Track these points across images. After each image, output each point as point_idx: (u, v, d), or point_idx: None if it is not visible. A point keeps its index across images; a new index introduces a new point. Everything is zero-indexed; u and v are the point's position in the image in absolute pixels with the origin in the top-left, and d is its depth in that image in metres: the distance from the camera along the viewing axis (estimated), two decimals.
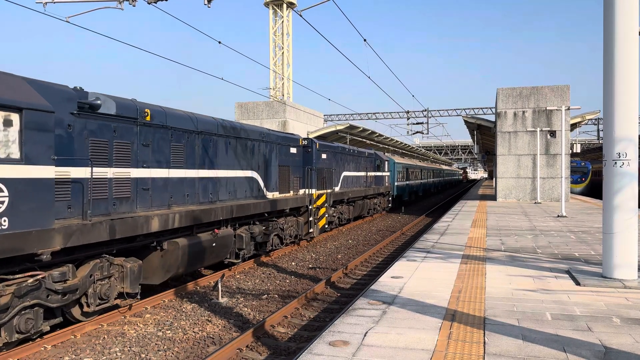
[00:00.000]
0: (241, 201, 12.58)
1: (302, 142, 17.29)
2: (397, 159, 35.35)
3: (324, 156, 18.68)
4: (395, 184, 33.45)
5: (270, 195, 14.45)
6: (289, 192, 15.90)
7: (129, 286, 8.55)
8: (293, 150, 16.46)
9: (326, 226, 18.41)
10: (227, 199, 12.21)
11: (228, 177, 12.29)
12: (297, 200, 15.83)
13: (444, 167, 73.45)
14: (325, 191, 18.11)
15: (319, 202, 17.56)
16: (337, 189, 20.32)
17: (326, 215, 18.13)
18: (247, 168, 13.17)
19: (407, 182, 38.03)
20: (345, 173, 21.74)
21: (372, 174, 27.18)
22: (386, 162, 30.36)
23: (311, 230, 16.89)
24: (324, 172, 18.56)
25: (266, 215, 14.04)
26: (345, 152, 22.01)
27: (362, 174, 24.97)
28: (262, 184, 13.99)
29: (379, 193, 28.40)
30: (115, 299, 8.52)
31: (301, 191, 16.95)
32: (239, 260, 12.68)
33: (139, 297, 8.94)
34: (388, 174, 30.86)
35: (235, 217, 11.96)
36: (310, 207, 16.85)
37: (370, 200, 26.38)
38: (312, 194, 17.09)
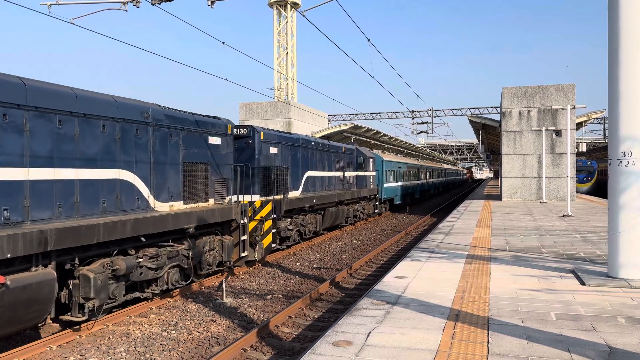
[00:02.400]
0: (83, 220, 7.80)
1: (231, 130, 12.26)
2: (387, 156, 30.87)
3: (273, 150, 14.57)
4: (384, 185, 28.65)
5: (163, 206, 9.75)
6: (205, 201, 11.22)
7: None
8: (214, 140, 11.53)
9: (274, 245, 13.82)
10: (52, 217, 7.41)
11: (61, 181, 7.58)
12: (215, 213, 11.02)
13: (446, 166, 68.74)
14: (271, 198, 13.60)
15: (263, 213, 13.11)
16: (296, 193, 16.22)
17: (273, 231, 13.60)
18: (110, 165, 8.46)
19: (400, 183, 33.62)
20: (310, 173, 17.41)
21: (352, 174, 22.67)
22: (371, 160, 25.63)
23: (244, 253, 12.35)
24: (274, 172, 14.02)
25: (181, 235, 10.12)
26: (311, 146, 17.70)
27: (337, 174, 20.54)
28: (144, 189, 9.26)
29: (361, 197, 23.76)
30: None
31: (231, 198, 12.09)
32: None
33: None
34: (374, 174, 26.34)
35: (61, 248, 7.21)
36: (243, 221, 12.23)
37: (349, 206, 21.95)
38: (248, 203, 12.60)
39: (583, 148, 31.05)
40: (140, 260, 8.82)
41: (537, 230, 15.09)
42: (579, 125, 31.94)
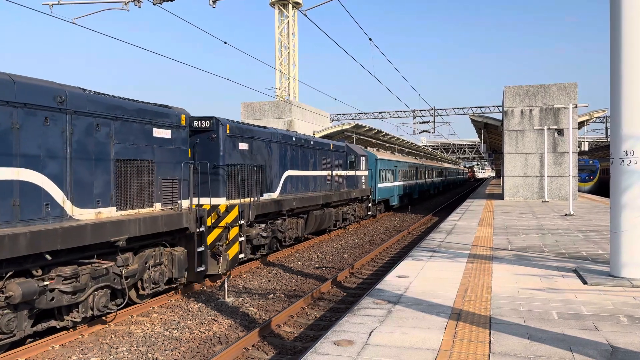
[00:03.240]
0: None
1: (186, 121, 10.37)
2: (381, 155, 28.88)
3: (243, 146, 12.54)
4: (378, 185, 26.87)
5: (85, 213, 7.85)
6: (149, 206, 9.27)
7: None
8: (162, 133, 9.65)
9: (242, 255, 11.81)
10: None
11: None
12: (158, 221, 8.96)
13: (446, 165, 66.59)
14: (239, 201, 11.83)
15: (228, 219, 11.33)
16: (273, 195, 14.31)
17: (242, 239, 11.72)
18: (4, 162, 6.62)
19: (397, 183, 31.62)
20: (290, 172, 15.53)
21: (342, 173, 20.71)
22: (363, 159, 23.67)
23: (201, 268, 10.25)
24: (243, 172, 12.38)
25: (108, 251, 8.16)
26: (291, 142, 15.67)
27: (324, 173, 18.60)
28: (56, 192, 7.35)
29: (352, 199, 21.74)
30: None
31: (186, 203, 10.15)
32: None
33: None
34: (366, 173, 24.46)
35: None
36: (199, 229, 10.17)
37: (337, 208, 20.03)
38: (209, 208, 11.03)
39: (585, 147, 30.98)
40: (47, 283, 6.94)
41: (539, 229, 15.07)
42: (581, 124, 31.90)
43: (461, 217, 19.34)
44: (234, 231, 11.50)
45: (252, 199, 12.53)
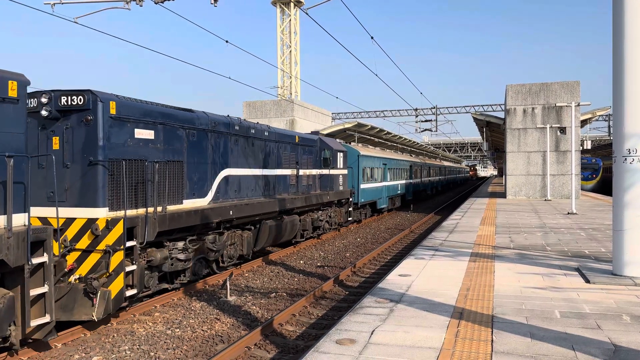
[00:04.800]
0: None
1: (19, 91, 6.62)
2: (365, 150, 25.17)
3: (143, 134, 9.21)
4: (361, 186, 23.19)
5: None
6: None
7: None
8: None
9: (131, 292, 8.42)
10: None
11: None
12: None
13: (446, 163, 63.36)
14: (135, 212, 8.80)
15: (110, 239, 8.07)
16: (201, 201, 10.75)
17: (130, 268, 8.40)
18: None
19: (385, 183, 27.80)
20: (229, 171, 11.94)
21: (312, 172, 17.23)
22: (340, 155, 19.95)
23: (37, 320, 6.63)
24: (143, 170, 9.08)
25: None
26: (233, 131, 12.15)
27: (286, 172, 15.16)
28: None
29: (327, 202, 18.05)
30: None
31: (20, 218, 6.54)
32: None
33: None
34: (345, 172, 20.77)
35: None
36: (30, 264, 6.53)
37: (305, 215, 16.56)
38: (61, 224, 7.87)
39: (588, 145, 30.91)
40: None
41: (542, 228, 15.04)
42: (583, 123, 31.83)
43: (463, 215, 19.32)
44: (117, 257, 8.09)
45: (155, 208, 8.95)
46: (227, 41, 13.98)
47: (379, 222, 25.25)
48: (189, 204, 10.43)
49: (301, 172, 16.27)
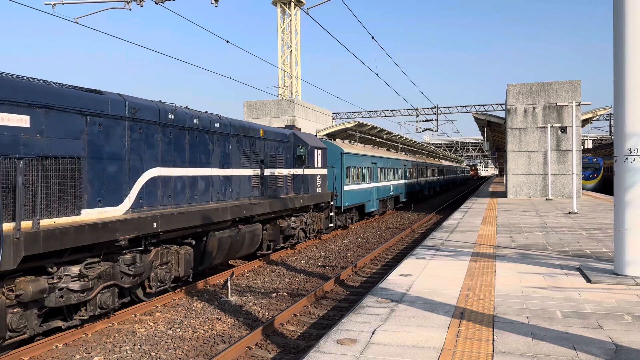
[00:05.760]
0: None
1: None
2: (350, 148, 22.61)
3: (6, 120, 6.76)
4: (345, 188, 20.59)
5: None
6: None
7: None
8: None
9: None
10: None
11: None
12: None
13: (444, 162, 61.03)
14: None
15: None
16: (115, 210, 8.58)
17: None
18: None
19: (374, 185, 25.21)
20: (158, 171, 9.65)
21: (283, 172, 15.04)
22: (318, 152, 17.20)
23: None
24: (10, 171, 6.72)
25: None
26: (165, 120, 9.86)
27: (246, 172, 12.82)
28: None
29: (299, 207, 15.55)
30: None
31: None
32: None
33: None
34: (325, 171, 17.96)
35: None
36: None
37: (271, 223, 14.14)
38: None
39: (589, 145, 30.88)
40: None
41: (543, 227, 15.03)
42: (584, 122, 31.79)
43: (464, 215, 19.31)
44: None
45: (17, 223, 6.42)
46: (227, 41, 13.98)
47: (379, 222, 25.24)
48: (92, 214, 8.01)
49: (267, 172, 14.01)
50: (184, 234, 10.01)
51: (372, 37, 15.33)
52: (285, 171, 15.26)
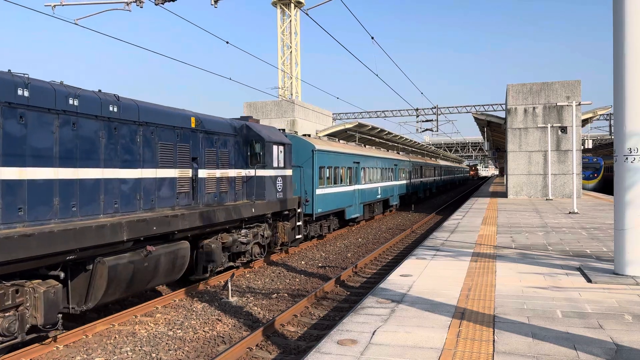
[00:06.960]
0: None
1: None
2: (323, 144, 18.82)
3: None
4: (317, 192, 17.26)
5: None
6: None
7: None
8: None
9: None
10: None
11: None
12: None
13: (442, 162, 58.79)
14: None
15: None
16: None
17: None
18: None
19: (357, 187, 21.96)
20: (8, 172, 6.73)
21: (229, 173, 12.18)
22: (278, 149, 14.04)
23: None
24: None
25: None
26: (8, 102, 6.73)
27: (167, 173, 9.98)
28: None
29: (252, 217, 12.56)
30: None
31: None
32: None
33: None
34: (288, 172, 14.85)
35: None
36: None
37: (212, 239, 11.15)
38: None
39: (589, 145, 30.92)
40: None
41: (543, 227, 15.02)
42: (584, 122, 31.79)
43: (464, 215, 19.30)
44: None
45: None
46: (227, 42, 13.98)
47: (379, 222, 25.24)
48: None
49: (203, 173, 11.16)
50: (46, 263, 7.03)
51: (372, 38, 15.33)
52: (232, 172, 12.32)
